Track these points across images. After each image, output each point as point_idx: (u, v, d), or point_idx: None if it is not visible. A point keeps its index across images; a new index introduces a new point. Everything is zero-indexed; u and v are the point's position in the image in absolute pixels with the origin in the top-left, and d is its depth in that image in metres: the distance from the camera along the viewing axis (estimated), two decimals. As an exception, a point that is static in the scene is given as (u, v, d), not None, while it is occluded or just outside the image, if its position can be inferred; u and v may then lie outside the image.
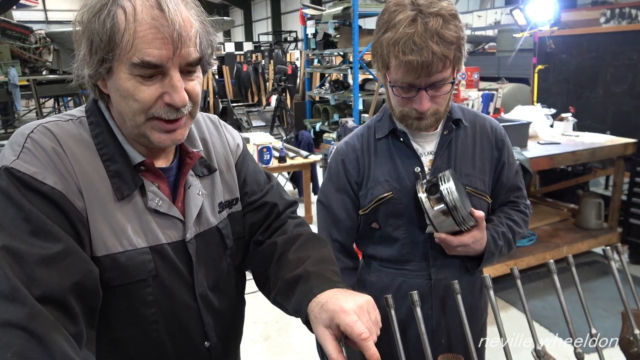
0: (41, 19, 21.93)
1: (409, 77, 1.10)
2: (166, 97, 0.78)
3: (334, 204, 1.33)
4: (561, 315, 0.89)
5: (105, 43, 0.74)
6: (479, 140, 1.32)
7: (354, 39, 5.97)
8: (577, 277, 0.93)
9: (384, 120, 1.32)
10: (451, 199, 1.15)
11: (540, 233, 3.85)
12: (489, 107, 4.62)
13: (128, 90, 0.77)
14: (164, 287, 0.87)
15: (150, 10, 0.74)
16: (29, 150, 0.76)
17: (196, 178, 0.94)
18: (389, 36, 1.08)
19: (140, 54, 0.74)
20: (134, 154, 0.85)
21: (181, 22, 0.75)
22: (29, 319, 0.64)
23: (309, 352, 2.89)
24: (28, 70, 9.34)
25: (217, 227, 0.97)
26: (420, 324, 0.82)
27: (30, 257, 0.69)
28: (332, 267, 0.92)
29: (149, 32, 0.73)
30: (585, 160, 3.52)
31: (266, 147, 4.19)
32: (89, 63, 0.77)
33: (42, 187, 0.74)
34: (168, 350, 0.90)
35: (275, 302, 0.97)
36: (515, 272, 0.92)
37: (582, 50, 4.47)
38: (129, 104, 0.78)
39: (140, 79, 0.76)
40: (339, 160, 1.33)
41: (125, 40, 0.73)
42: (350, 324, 0.73)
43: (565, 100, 4.65)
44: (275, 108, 9.75)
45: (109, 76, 0.78)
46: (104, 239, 0.80)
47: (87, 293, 0.74)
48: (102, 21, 0.73)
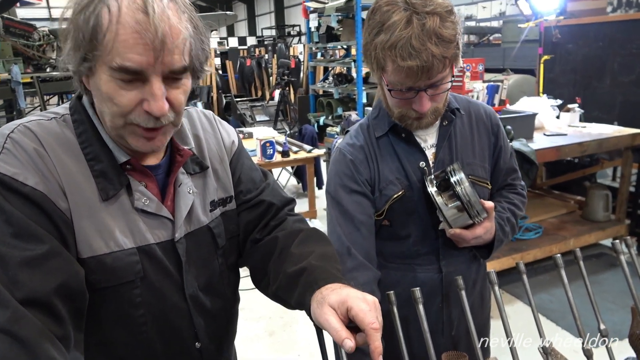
0: (44, 16, 21.95)
1: (408, 81, 1.05)
2: (145, 104, 0.75)
3: (350, 208, 1.23)
4: (568, 308, 0.87)
5: (87, 41, 0.71)
6: (476, 127, 1.31)
7: (357, 31, 5.92)
8: (585, 271, 0.91)
9: (381, 118, 1.27)
10: (465, 193, 1.14)
11: (547, 225, 3.81)
12: (494, 99, 4.58)
13: (107, 93, 0.74)
14: (153, 288, 0.85)
15: (135, 13, 0.70)
16: (8, 151, 0.74)
17: (187, 176, 0.92)
18: (384, 39, 1.02)
19: (120, 58, 0.70)
20: (119, 153, 0.82)
21: (166, 29, 0.71)
22: (12, 322, 0.63)
23: (313, 347, 2.88)
24: (32, 68, 9.35)
25: (208, 226, 0.94)
26: (422, 322, 0.79)
27: (12, 260, 0.67)
28: (336, 264, 0.90)
29: (130, 36, 0.70)
30: (592, 151, 3.47)
31: (269, 141, 4.16)
32: (72, 59, 0.74)
33: (24, 189, 0.72)
34: (158, 352, 0.89)
35: (276, 296, 0.95)
36: (522, 267, 0.90)
37: (589, 40, 4.40)
38: (108, 106, 0.75)
39: (121, 83, 0.73)
40: (347, 161, 1.25)
41: (107, 41, 0.70)
42: (364, 310, 0.72)
43: (572, 91, 4.59)
44: (278, 102, 9.73)
45: (91, 75, 0.75)
46: (89, 240, 0.78)
47: (73, 295, 0.72)
48: (86, 18, 0.70)
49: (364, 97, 6.21)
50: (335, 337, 0.72)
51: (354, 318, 0.72)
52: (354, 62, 6.32)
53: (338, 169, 1.27)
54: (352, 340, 0.71)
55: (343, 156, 1.27)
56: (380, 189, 1.25)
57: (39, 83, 8.57)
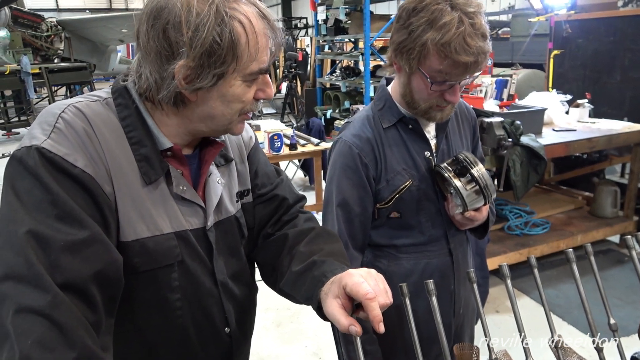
0: (52, 6, 21.96)
1: (456, 74, 1.13)
2: (259, 93, 0.84)
3: (350, 201, 1.29)
4: (574, 304, 0.88)
5: (224, 56, 0.75)
6: (461, 120, 1.43)
7: (365, 24, 5.90)
8: (597, 267, 0.91)
9: (387, 109, 1.31)
10: (482, 177, 1.24)
11: (554, 221, 3.80)
12: (503, 94, 4.55)
13: (236, 96, 0.80)
14: (189, 273, 0.87)
15: (258, 20, 0.78)
16: (60, 131, 0.74)
17: (215, 167, 0.94)
18: (436, 36, 1.09)
19: (257, 63, 0.78)
20: (164, 139, 0.84)
21: (275, 26, 0.81)
22: (51, 307, 0.63)
23: (320, 338, 2.90)
24: (40, 59, 9.38)
25: (235, 216, 0.97)
26: (435, 313, 0.80)
27: (55, 243, 0.67)
28: (345, 261, 0.92)
29: (263, 41, 0.78)
30: (601, 147, 3.46)
31: (277, 134, 4.16)
32: (196, 76, 0.75)
33: (73, 170, 0.72)
34: (191, 336, 0.90)
35: (282, 292, 0.97)
36: (533, 262, 0.90)
37: (600, 35, 4.36)
38: (231, 106, 0.81)
39: (249, 83, 0.81)
40: (354, 154, 1.28)
41: (248, 52, 0.76)
42: (356, 283, 0.73)
43: (582, 86, 4.56)
44: (285, 95, 9.72)
45: (211, 85, 0.77)
46: (133, 224, 0.80)
47: (109, 282, 0.73)
48: (218, 34, 0.73)
49: (371, 91, 6.19)
50: (340, 327, 0.74)
51: (350, 293, 0.74)
52: (361, 55, 6.30)
53: (343, 162, 1.30)
54: (357, 325, 0.72)
55: (349, 148, 1.29)
56: (387, 179, 1.29)
57: (47, 74, 8.61)
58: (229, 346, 0.97)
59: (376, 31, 6.04)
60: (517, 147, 3.00)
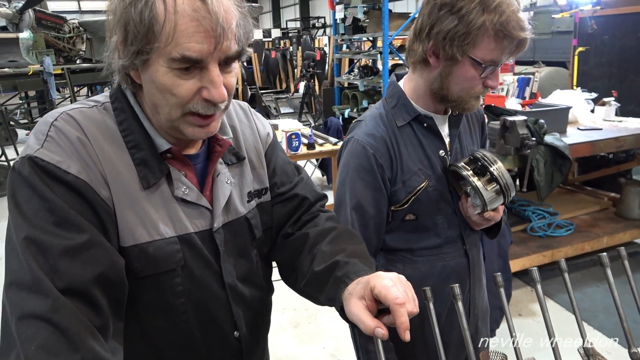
0: (74, 8, 22.42)
1: (507, 54, 1.13)
2: (204, 92, 0.75)
3: (365, 203, 1.24)
4: (599, 308, 0.84)
5: (142, 35, 0.70)
6: (471, 118, 1.40)
7: (383, 23, 5.84)
8: (630, 271, 0.87)
9: (400, 107, 1.26)
10: (503, 176, 1.21)
11: (579, 223, 3.70)
12: (525, 92, 4.45)
13: (166, 85, 0.74)
14: (193, 277, 0.85)
15: (192, 1, 0.69)
16: (52, 139, 0.74)
17: (225, 166, 0.92)
18: (494, 18, 1.07)
19: (180, 49, 0.70)
20: (161, 142, 0.82)
21: (223, 15, 0.71)
22: (53, 311, 0.63)
23: (338, 339, 2.88)
24: (62, 60, 9.55)
25: (245, 217, 0.94)
26: (462, 320, 0.77)
27: (54, 248, 0.68)
28: (368, 262, 0.88)
29: (189, 25, 0.69)
30: (629, 146, 3.35)
31: (295, 133, 4.15)
32: (123, 53, 0.73)
33: (66, 177, 0.72)
34: (197, 340, 0.89)
35: (303, 292, 0.95)
36: (563, 266, 0.86)
37: (627, 31, 4.24)
38: (166, 97, 0.75)
39: (178, 73, 0.73)
40: (369, 154, 1.23)
41: (165, 33, 0.69)
42: (386, 286, 0.70)
43: (607, 84, 4.44)
44: (303, 95, 9.71)
45: (145, 68, 0.74)
46: (132, 229, 0.78)
47: (112, 285, 0.72)
48: (139, 11, 0.69)
49: (390, 90, 6.13)
50: (365, 329, 0.70)
51: (377, 296, 0.71)
52: (380, 54, 6.24)
53: (357, 162, 1.24)
54: (383, 328, 0.69)
55: (362, 148, 1.24)
56: (403, 180, 1.25)
57: (69, 74, 8.76)
58: (238, 350, 0.95)
59: (395, 29, 5.97)
60: (541, 146, 2.92)
